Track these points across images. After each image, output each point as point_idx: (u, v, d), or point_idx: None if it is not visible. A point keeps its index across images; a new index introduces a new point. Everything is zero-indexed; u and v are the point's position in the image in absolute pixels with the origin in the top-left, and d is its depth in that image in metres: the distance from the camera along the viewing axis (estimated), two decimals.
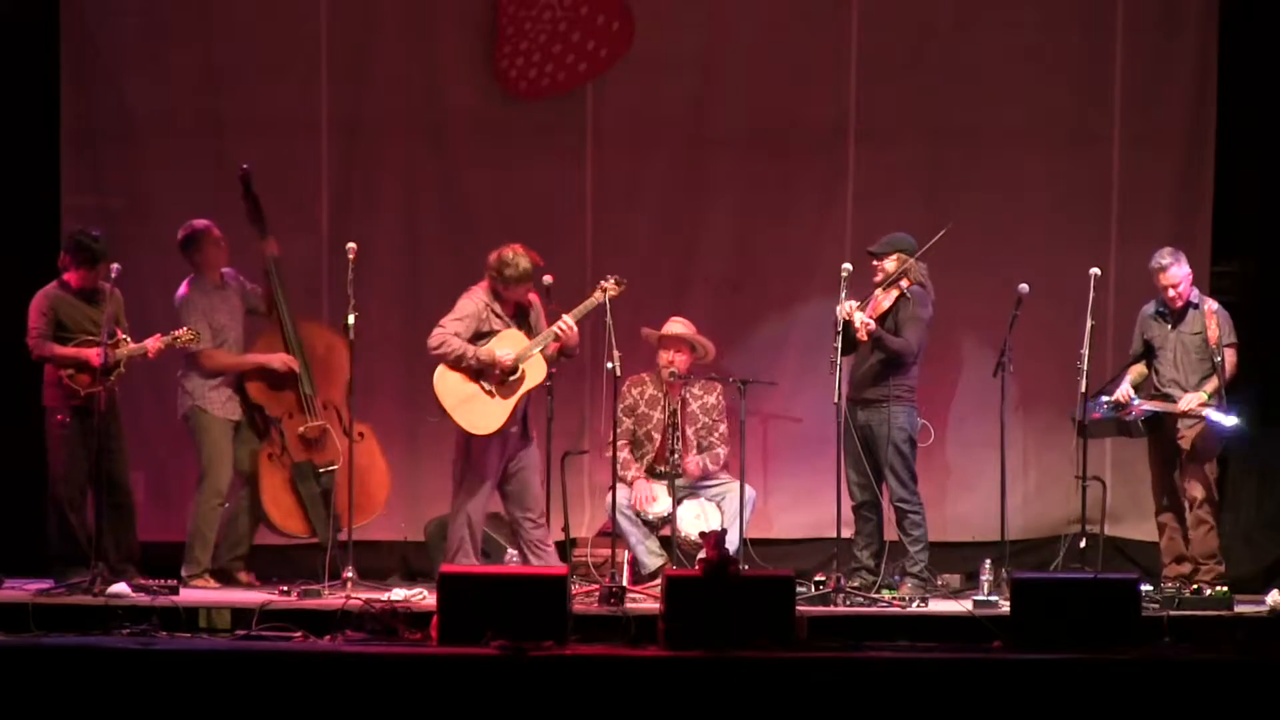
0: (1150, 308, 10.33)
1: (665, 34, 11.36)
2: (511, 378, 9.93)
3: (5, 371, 10.65)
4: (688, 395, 10.61)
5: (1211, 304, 10.19)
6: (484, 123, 11.38)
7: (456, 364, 9.90)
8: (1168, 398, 10.15)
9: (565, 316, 9.89)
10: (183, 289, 10.28)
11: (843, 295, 9.91)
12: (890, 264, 10.13)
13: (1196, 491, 10.12)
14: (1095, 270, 10.01)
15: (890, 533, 10.28)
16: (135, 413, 10.68)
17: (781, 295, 11.37)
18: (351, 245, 10.05)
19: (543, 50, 11.38)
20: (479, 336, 9.97)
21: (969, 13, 11.36)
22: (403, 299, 11.21)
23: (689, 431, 10.56)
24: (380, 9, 11.40)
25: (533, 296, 10.05)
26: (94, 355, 9.93)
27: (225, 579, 10.25)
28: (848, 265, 9.95)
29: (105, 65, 11.27)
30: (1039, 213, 11.35)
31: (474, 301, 10.00)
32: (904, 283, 10.10)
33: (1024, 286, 10.05)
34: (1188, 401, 10.02)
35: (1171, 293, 10.13)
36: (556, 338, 9.92)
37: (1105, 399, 10.20)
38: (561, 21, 11.37)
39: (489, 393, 9.93)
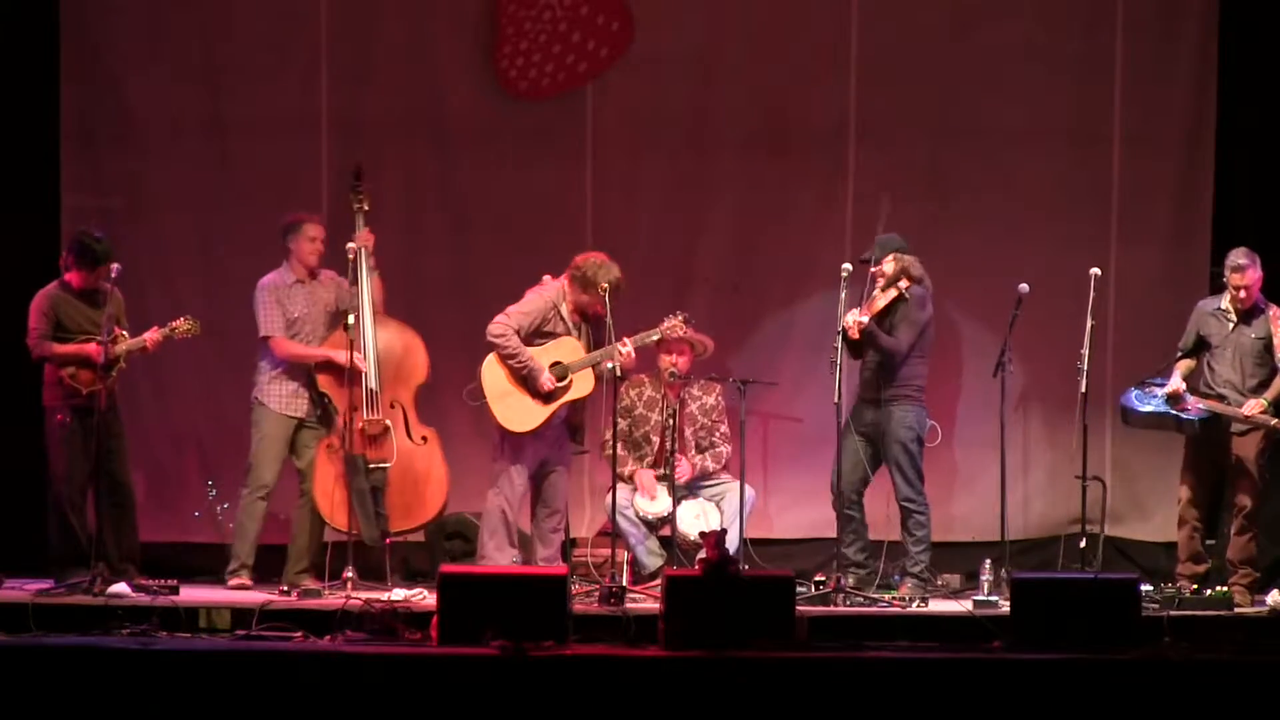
0: (1210, 304, 10.26)
1: (665, 34, 11.36)
2: (559, 385, 9.96)
3: (5, 371, 10.64)
4: (687, 396, 10.60)
5: (1277, 309, 10.14)
6: (484, 123, 11.38)
7: (507, 360, 9.93)
8: (1222, 398, 10.09)
9: (626, 340, 9.90)
10: (266, 276, 10.17)
11: (843, 295, 9.91)
12: (889, 266, 10.12)
13: (1246, 501, 10.09)
14: (1095, 270, 10.00)
15: (884, 532, 10.30)
16: (135, 412, 10.68)
17: (781, 295, 11.37)
18: (351, 245, 10.07)
19: (543, 50, 11.38)
20: (538, 335, 10.00)
21: (969, 12, 11.36)
22: (403, 299, 11.20)
23: (688, 432, 10.56)
24: (380, 9, 11.40)
25: (600, 310, 10.07)
26: (94, 350, 9.92)
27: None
28: (848, 265, 9.95)
29: (105, 65, 11.28)
30: (1039, 213, 11.35)
31: (543, 299, 10.04)
32: (903, 283, 10.09)
33: (1024, 286, 10.05)
34: (1250, 407, 9.97)
35: (1243, 293, 10.06)
36: (614, 358, 9.92)
37: (1158, 391, 10.15)
38: (561, 21, 11.37)
39: (531, 394, 9.96)
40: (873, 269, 10.16)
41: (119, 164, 11.32)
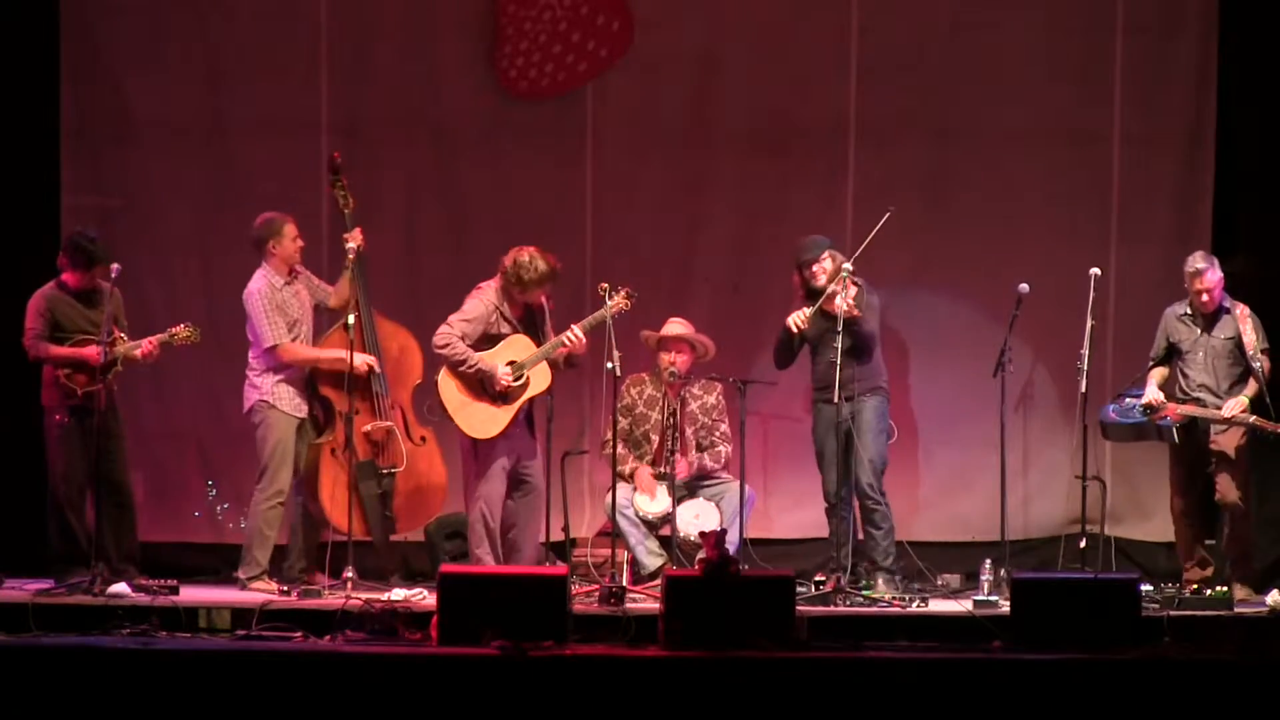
0: (1177, 309, 10.25)
1: (665, 34, 11.37)
2: (516, 383, 9.94)
3: (5, 371, 10.64)
4: (687, 395, 10.61)
5: (1243, 308, 10.12)
6: (484, 123, 11.38)
7: (457, 367, 9.91)
8: (1199, 402, 10.09)
9: (574, 327, 9.89)
10: (255, 283, 10.04)
11: (844, 294, 9.89)
12: (829, 263, 10.09)
13: (1232, 497, 10.06)
14: (1095, 270, 10.00)
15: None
16: (135, 413, 10.68)
17: (781, 295, 11.33)
18: (351, 245, 10.06)
19: (543, 50, 11.38)
20: (486, 339, 9.97)
21: (969, 13, 11.36)
22: (403, 299, 11.20)
23: (689, 431, 10.56)
24: (380, 9, 11.40)
25: (542, 299, 10.05)
26: (91, 354, 9.91)
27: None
28: (848, 265, 9.95)
29: (105, 65, 11.28)
30: (1039, 213, 11.35)
31: (483, 303, 9.99)
32: (847, 279, 10.06)
33: (1024, 286, 10.05)
34: (1231, 408, 9.94)
35: (1205, 297, 10.05)
36: (564, 345, 9.91)
37: (1136, 403, 10.13)
38: (561, 21, 11.37)
39: (491, 399, 9.94)
40: (812, 269, 10.12)
41: (119, 164, 11.32)
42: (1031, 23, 11.33)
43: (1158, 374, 10.23)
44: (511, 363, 9.97)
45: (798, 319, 10.05)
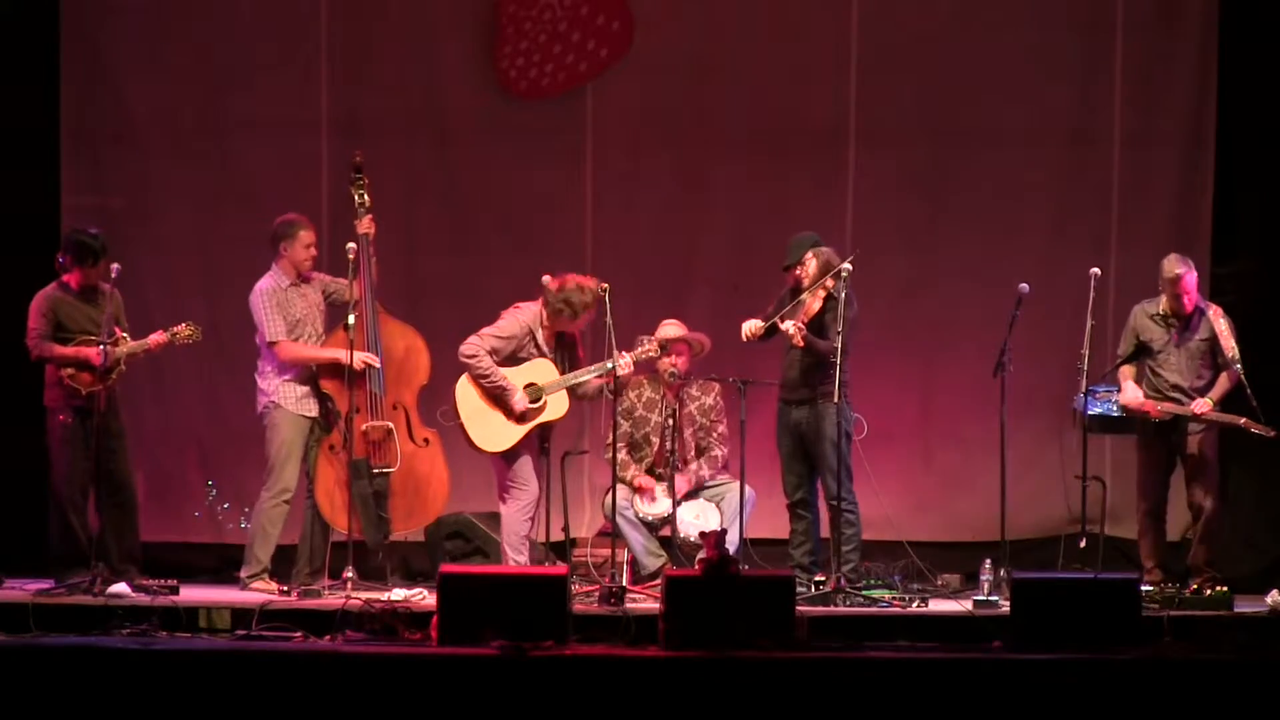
0: (1148, 307, 10.23)
1: (665, 34, 11.38)
2: (532, 405, 9.95)
3: (6, 372, 10.64)
4: (685, 396, 10.60)
5: (1215, 308, 10.12)
6: (484, 123, 11.39)
7: (479, 380, 9.92)
8: (1176, 403, 10.09)
9: (627, 355, 9.90)
10: (261, 282, 10.04)
11: (843, 295, 9.85)
12: (811, 265, 10.05)
13: (1205, 501, 10.06)
14: (1095, 270, 10.00)
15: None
16: (135, 412, 10.67)
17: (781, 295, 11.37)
18: (351, 245, 10.05)
19: (543, 50, 11.39)
20: (513, 359, 9.98)
21: (969, 13, 11.36)
22: (403, 299, 11.21)
23: (687, 433, 10.55)
24: (380, 9, 11.41)
25: (574, 331, 10.06)
26: (94, 355, 9.91)
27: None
28: (848, 265, 9.93)
29: (105, 65, 11.29)
30: (1039, 213, 11.36)
31: (519, 323, 10.00)
32: (829, 282, 10.02)
33: (1024, 286, 10.04)
34: (1199, 406, 9.95)
35: (1185, 299, 10.04)
36: (601, 375, 9.92)
37: (1110, 396, 10.14)
38: (561, 21, 11.38)
39: (506, 414, 9.95)
40: (797, 271, 10.10)
41: (119, 164, 11.33)
42: (1031, 23, 11.34)
43: (1130, 371, 10.22)
44: (530, 385, 9.97)
45: (750, 328, 9.99)
